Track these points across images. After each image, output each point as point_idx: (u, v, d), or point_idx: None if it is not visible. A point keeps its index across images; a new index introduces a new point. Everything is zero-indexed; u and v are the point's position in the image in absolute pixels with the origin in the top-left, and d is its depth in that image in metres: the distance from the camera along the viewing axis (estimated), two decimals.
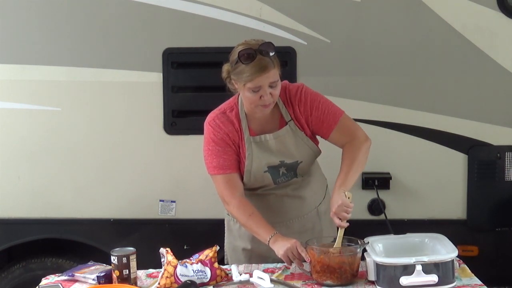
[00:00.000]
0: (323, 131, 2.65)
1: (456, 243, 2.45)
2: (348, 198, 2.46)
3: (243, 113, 2.63)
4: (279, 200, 2.74)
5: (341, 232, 2.46)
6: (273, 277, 2.47)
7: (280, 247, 2.47)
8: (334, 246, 2.46)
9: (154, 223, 3.56)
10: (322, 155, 2.77)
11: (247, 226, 2.63)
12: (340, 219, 2.44)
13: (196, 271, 2.43)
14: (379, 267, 2.33)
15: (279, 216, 2.73)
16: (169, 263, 2.44)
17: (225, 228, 2.90)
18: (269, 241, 2.52)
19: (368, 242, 2.46)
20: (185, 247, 3.37)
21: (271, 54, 2.47)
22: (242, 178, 2.67)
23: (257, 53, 2.44)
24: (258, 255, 2.74)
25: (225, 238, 2.90)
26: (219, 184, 2.65)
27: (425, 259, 2.30)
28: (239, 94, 2.63)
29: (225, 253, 2.89)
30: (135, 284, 2.46)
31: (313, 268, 2.42)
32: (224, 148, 2.62)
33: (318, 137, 2.74)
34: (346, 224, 2.45)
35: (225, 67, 2.57)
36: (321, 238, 2.60)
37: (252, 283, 2.41)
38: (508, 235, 3.50)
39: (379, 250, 2.46)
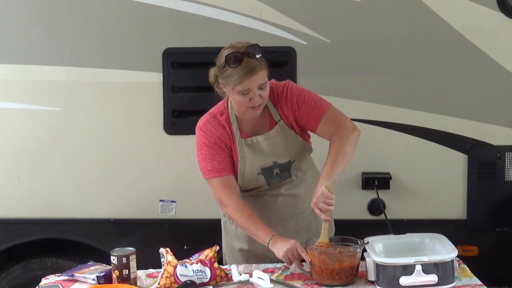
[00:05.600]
0: (311, 124, 2.63)
1: (456, 243, 2.45)
2: (329, 188, 2.40)
3: (233, 116, 2.63)
4: (273, 199, 2.74)
5: (324, 225, 2.44)
6: (273, 277, 2.47)
7: (280, 249, 2.47)
8: (319, 241, 2.44)
9: (154, 223, 3.56)
10: (317, 152, 2.77)
11: (245, 229, 2.63)
12: (321, 210, 2.40)
13: (196, 271, 2.43)
14: (379, 267, 2.33)
15: (274, 215, 2.73)
16: (169, 263, 2.44)
17: (222, 229, 2.90)
18: (268, 243, 2.52)
19: (368, 242, 2.46)
20: (185, 247, 3.38)
21: (258, 56, 2.46)
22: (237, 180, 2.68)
23: (244, 56, 2.44)
24: (255, 255, 2.74)
25: (222, 239, 2.90)
26: (215, 187, 2.65)
27: (425, 259, 2.30)
28: (228, 97, 2.63)
29: (223, 254, 2.89)
30: (135, 284, 2.46)
31: (313, 268, 2.42)
32: (217, 151, 2.62)
33: (310, 134, 2.75)
34: (326, 217, 2.41)
35: (212, 72, 2.57)
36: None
37: (252, 283, 2.41)
38: (508, 235, 3.50)
39: (379, 250, 2.46)
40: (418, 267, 2.28)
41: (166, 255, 2.47)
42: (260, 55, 2.47)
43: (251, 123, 2.64)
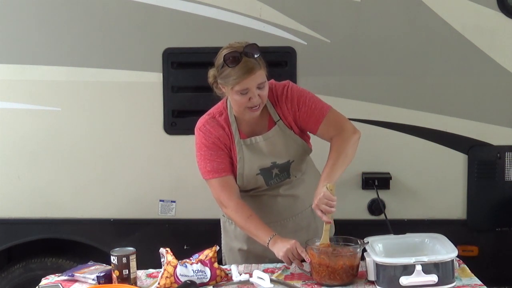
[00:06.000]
0: (311, 126, 2.64)
1: (456, 243, 2.46)
2: (331, 190, 2.41)
3: (232, 116, 2.63)
4: (272, 200, 2.74)
5: (326, 227, 2.44)
6: (273, 277, 2.47)
7: (280, 249, 2.47)
8: (320, 242, 2.45)
9: (154, 223, 3.56)
10: (317, 152, 2.77)
11: (245, 229, 2.63)
12: (323, 212, 2.41)
13: (196, 271, 2.43)
14: (379, 267, 2.33)
15: (273, 216, 2.73)
16: (169, 263, 2.44)
17: (221, 229, 2.90)
18: (268, 243, 2.52)
19: (368, 242, 2.46)
20: (185, 247, 3.37)
21: (256, 55, 2.46)
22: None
23: (242, 55, 2.44)
24: (255, 255, 2.74)
25: (221, 239, 2.90)
26: (215, 188, 2.65)
27: (425, 259, 2.30)
28: (227, 98, 2.63)
29: (222, 254, 2.89)
30: (135, 284, 2.46)
31: (313, 268, 2.42)
32: (216, 152, 2.62)
33: (310, 135, 2.74)
34: (328, 219, 2.41)
35: (211, 72, 2.57)
36: (320, 238, 2.59)
37: (252, 283, 2.41)
38: (508, 235, 3.50)
39: (379, 250, 2.46)
40: (418, 267, 2.28)
41: (166, 255, 2.47)
42: (259, 54, 2.47)
43: (250, 124, 2.64)
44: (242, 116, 2.61)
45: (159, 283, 2.42)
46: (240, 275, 2.46)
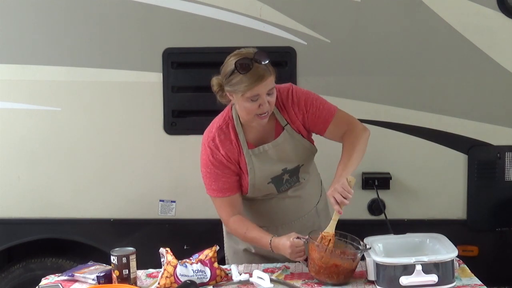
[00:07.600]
0: (320, 126, 2.63)
1: (456, 243, 2.46)
2: (349, 182, 2.42)
3: (239, 126, 2.61)
4: (280, 202, 2.74)
5: (335, 216, 2.44)
6: (273, 277, 2.47)
7: (284, 250, 2.48)
8: (325, 230, 2.44)
9: (154, 223, 3.56)
10: (318, 153, 2.77)
11: (247, 241, 2.68)
12: (337, 201, 2.41)
13: (196, 271, 2.43)
14: (379, 267, 2.33)
15: (280, 218, 2.74)
16: (169, 263, 2.44)
17: (224, 232, 2.90)
18: (272, 250, 2.54)
19: (370, 248, 2.44)
20: (185, 247, 3.38)
21: (266, 62, 2.46)
22: (242, 192, 2.68)
23: (253, 62, 2.43)
24: (261, 256, 2.75)
25: (224, 242, 2.90)
26: (218, 205, 2.67)
27: (425, 259, 2.30)
28: (231, 107, 2.61)
29: (225, 257, 2.89)
30: (135, 284, 2.46)
31: (313, 267, 2.41)
32: (223, 171, 2.60)
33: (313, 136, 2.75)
34: (339, 209, 2.41)
35: (215, 81, 2.54)
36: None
37: (252, 283, 2.41)
38: (508, 235, 3.50)
39: (379, 250, 2.46)
40: (418, 267, 2.28)
41: (166, 255, 2.47)
42: (268, 61, 2.46)
43: (258, 131, 2.61)
44: (250, 123, 2.59)
45: (159, 283, 2.42)
46: (240, 275, 2.46)
